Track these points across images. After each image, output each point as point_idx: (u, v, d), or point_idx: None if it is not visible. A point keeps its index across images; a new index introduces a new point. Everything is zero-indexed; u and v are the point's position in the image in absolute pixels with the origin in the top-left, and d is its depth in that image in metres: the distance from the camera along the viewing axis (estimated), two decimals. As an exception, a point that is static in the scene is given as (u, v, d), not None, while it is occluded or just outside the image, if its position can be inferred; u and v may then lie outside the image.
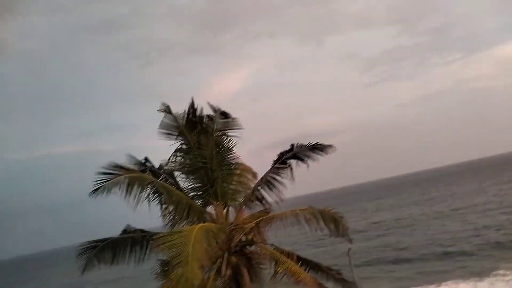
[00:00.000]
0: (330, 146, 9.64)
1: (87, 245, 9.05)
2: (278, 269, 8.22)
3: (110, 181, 8.06)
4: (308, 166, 9.55)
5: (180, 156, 10.01)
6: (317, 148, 9.57)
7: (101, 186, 7.95)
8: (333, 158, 9.78)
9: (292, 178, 9.59)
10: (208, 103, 9.74)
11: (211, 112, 9.76)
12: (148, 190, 8.77)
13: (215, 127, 9.59)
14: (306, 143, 9.66)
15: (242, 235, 8.88)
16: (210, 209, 9.60)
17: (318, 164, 9.74)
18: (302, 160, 9.61)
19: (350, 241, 9.92)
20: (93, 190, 7.94)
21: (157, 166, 10.31)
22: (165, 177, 10.08)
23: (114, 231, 9.91)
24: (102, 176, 8.11)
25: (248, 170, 10.42)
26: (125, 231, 9.49)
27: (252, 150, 10.46)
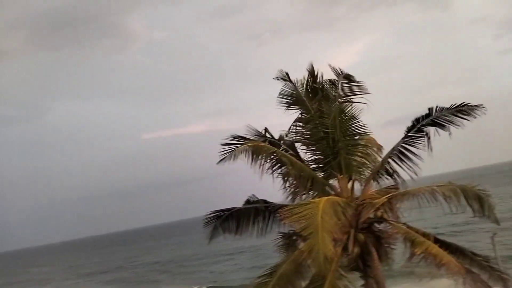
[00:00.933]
0: (478, 106, 8.01)
1: (213, 215, 9.29)
2: (416, 250, 7.29)
3: (236, 149, 8.12)
4: (450, 134, 8.17)
5: (300, 127, 9.60)
6: (463, 110, 8.04)
7: (227, 155, 8.08)
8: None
9: (430, 148, 8.36)
10: (330, 66, 9.04)
11: (333, 77, 9.04)
12: (270, 161, 8.61)
13: (338, 93, 8.86)
14: (447, 105, 8.22)
15: (371, 211, 8.12)
16: (333, 182, 9.04)
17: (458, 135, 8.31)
18: (442, 126, 8.24)
19: (497, 222, 8.45)
20: (220, 160, 8.10)
21: (276, 137, 10.09)
22: (285, 149, 9.79)
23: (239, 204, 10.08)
24: (226, 147, 8.23)
25: (373, 142, 9.51)
26: (248, 202, 9.52)
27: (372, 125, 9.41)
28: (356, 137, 9.12)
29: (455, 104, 8.12)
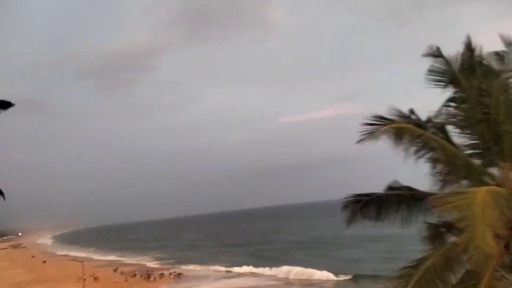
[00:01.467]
0: None
1: (352, 199, 9.04)
2: None
3: (376, 130, 7.69)
4: None
5: (453, 107, 8.60)
6: None
7: (367, 135, 7.70)
8: None
9: None
10: (499, 34, 7.76)
11: (496, 49, 7.79)
12: (416, 143, 7.94)
13: (504, 67, 7.61)
14: None
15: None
16: (493, 171, 7.91)
17: None
18: None
19: None
20: (359, 140, 7.77)
21: (424, 119, 9.24)
22: (434, 132, 8.91)
23: (377, 189, 9.63)
24: (367, 127, 7.83)
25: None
26: (390, 188, 8.99)
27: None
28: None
29: None
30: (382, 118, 8.20)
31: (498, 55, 7.87)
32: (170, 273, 68.56)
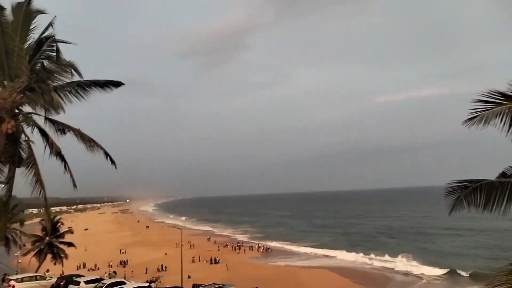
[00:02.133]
0: None
1: (457, 185, 8.20)
2: None
3: (490, 110, 6.77)
4: None
5: None
6: None
7: (478, 115, 6.82)
8: None
9: None
10: None
11: None
12: None
13: None
14: None
15: None
16: None
17: None
18: None
19: None
20: (468, 118, 6.93)
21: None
22: None
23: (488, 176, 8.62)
24: (480, 105, 6.93)
25: None
26: (504, 175, 7.97)
27: None
28: None
29: None
30: (500, 94, 7.17)
31: None
32: (259, 247, 71.00)
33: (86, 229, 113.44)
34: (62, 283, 30.84)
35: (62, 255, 40.77)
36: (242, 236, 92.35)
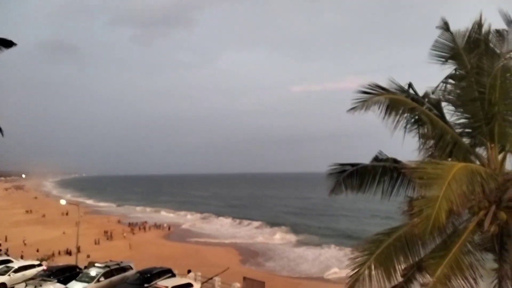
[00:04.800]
0: None
1: (337, 168, 9.02)
2: None
3: (370, 99, 7.58)
4: None
5: (451, 84, 8.45)
6: None
7: (360, 103, 7.59)
8: None
9: None
10: (501, 11, 7.48)
11: (503, 26, 7.54)
12: (408, 117, 7.87)
13: (505, 47, 7.42)
14: None
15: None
16: (480, 151, 7.89)
17: None
18: None
19: None
20: (352, 107, 7.67)
21: (421, 94, 9.12)
22: (428, 107, 8.83)
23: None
24: (362, 95, 7.71)
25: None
26: (376, 159, 8.98)
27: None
28: (521, 102, 7.60)
29: None
30: (378, 87, 8.04)
31: (500, 34, 7.62)
32: (167, 226, 70.63)
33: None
34: None
35: None
36: (150, 215, 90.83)
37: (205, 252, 49.31)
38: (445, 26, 8.26)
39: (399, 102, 7.84)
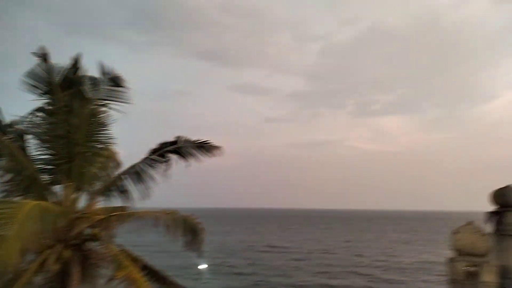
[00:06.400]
0: (218, 147, 8.84)
1: None
2: (116, 274, 6.90)
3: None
4: (188, 166, 8.59)
5: (40, 117, 8.23)
6: (204, 147, 8.75)
7: None
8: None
9: (167, 174, 8.51)
10: (100, 62, 8.11)
11: (98, 75, 8.15)
12: None
13: (96, 95, 8.06)
14: (193, 138, 8.75)
15: (86, 226, 7.40)
16: (58, 188, 7.97)
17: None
18: (183, 157, 8.62)
19: (201, 256, 9.09)
20: None
21: (7, 122, 8.39)
22: (14, 138, 8.21)
23: None
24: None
25: (114, 156, 9.07)
26: None
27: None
28: (100, 146, 8.40)
29: (200, 139, 8.73)
30: None
31: (93, 81, 8.23)
32: None
33: None
34: None
35: None
36: None
37: None
38: (44, 56, 8.05)
39: None
